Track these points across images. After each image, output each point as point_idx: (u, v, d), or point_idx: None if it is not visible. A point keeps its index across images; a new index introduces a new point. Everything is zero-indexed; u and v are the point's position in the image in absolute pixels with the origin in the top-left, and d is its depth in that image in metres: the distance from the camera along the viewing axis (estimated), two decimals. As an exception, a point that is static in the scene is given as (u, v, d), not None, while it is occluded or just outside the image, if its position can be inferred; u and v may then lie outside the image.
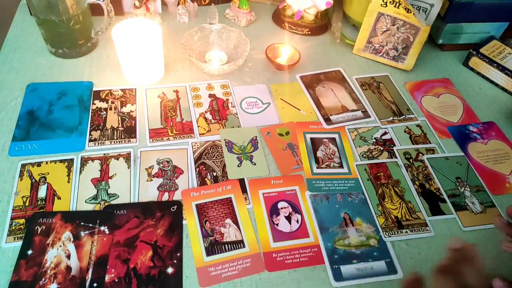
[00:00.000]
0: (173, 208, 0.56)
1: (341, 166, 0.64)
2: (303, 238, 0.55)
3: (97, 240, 0.52)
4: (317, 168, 0.63)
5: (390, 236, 0.56)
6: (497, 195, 0.62)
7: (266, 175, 0.62)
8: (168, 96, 0.72)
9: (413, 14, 0.74)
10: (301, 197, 0.59)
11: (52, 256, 0.50)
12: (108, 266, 0.49)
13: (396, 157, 0.66)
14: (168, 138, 0.65)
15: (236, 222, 0.56)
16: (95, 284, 0.48)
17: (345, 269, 0.53)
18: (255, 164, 0.63)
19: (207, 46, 0.80)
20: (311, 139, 0.67)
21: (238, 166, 0.62)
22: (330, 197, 0.60)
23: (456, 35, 0.85)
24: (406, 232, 0.57)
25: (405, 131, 0.70)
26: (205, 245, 0.53)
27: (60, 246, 0.51)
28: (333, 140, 0.68)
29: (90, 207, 0.55)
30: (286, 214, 0.57)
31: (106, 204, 0.56)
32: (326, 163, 0.64)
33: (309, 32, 0.88)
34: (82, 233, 0.52)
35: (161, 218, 0.55)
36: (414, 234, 0.57)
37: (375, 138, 0.69)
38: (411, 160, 0.66)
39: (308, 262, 0.53)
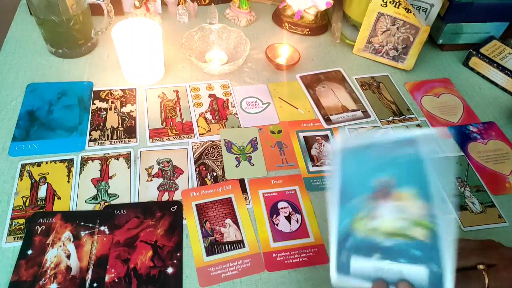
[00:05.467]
0: (173, 208, 0.56)
1: None
2: (303, 238, 0.55)
3: (97, 240, 0.52)
4: (312, 166, 0.63)
5: None
6: (497, 195, 0.62)
7: (264, 176, 0.62)
8: (168, 96, 0.72)
9: (413, 14, 0.74)
10: (301, 197, 0.59)
11: (52, 256, 0.50)
12: (108, 266, 0.49)
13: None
14: (168, 138, 0.65)
15: (236, 222, 0.56)
16: (95, 284, 0.48)
17: (358, 262, 0.36)
18: (253, 165, 0.63)
19: (207, 46, 0.80)
20: (304, 137, 0.67)
21: (236, 166, 0.62)
22: (372, 148, 0.38)
23: (456, 35, 0.85)
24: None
25: (405, 131, 0.70)
26: (205, 245, 0.53)
27: (60, 246, 0.51)
28: (326, 137, 0.68)
29: (90, 207, 0.55)
30: (286, 214, 0.57)
31: (106, 204, 0.56)
32: (321, 160, 0.64)
33: (309, 32, 0.88)
34: (82, 233, 0.52)
35: (161, 218, 0.55)
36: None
37: (375, 138, 0.69)
38: (411, 160, 0.66)
39: (308, 262, 0.53)
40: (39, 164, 0.59)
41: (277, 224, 0.56)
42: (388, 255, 0.35)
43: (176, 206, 0.56)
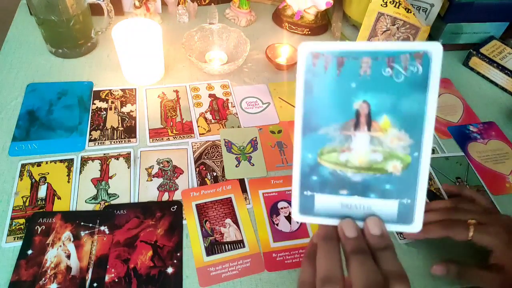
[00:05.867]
0: (173, 208, 0.56)
1: None
2: (303, 238, 0.55)
3: (97, 240, 0.52)
4: None
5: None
6: (497, 195, 0.62)
7: (264, 176, 0.62)
8: (168, 96, 0.72)
9: (413, 14, 0.74)
10: (301, 197, 0.59)
11: (52, 256, 0.50)
12: (108, 266, 0.49)
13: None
14: (168, 138, 0.65)
15: (236, 222, 0.56)
16: (95, 284, 0.48)
17: (323, 199, 0.33)
18: (253, 165, 0.63)
19: (207, 46, 0.80)
20: None
21: (236, 166, 0.62)
22: (347, 63, 0.31)
23: (456, 35, 0.85)
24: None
25: (405, 131, 0.70)
26: (205, 245, 0.53)
27: (60, 246, 0.51)
28: None
29: (90, 207, 0.55)
30: (286, 214, 0.57)
31: (106, 204, 0.56)
32: None
33: (309, 32, 0.88)
34: (82, 233, 0.52)
35: (161, 218, 0.55)
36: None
37: (375, 138, 0.68)
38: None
39: (308, 262, 0.53)
40: (39, 164, 0.59)
41: (277, 224, 0.56)
42: (357, 191, 0.32)
43: (176, 206, 0.56)
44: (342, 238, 0.30)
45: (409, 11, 0.74)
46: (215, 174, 0.61)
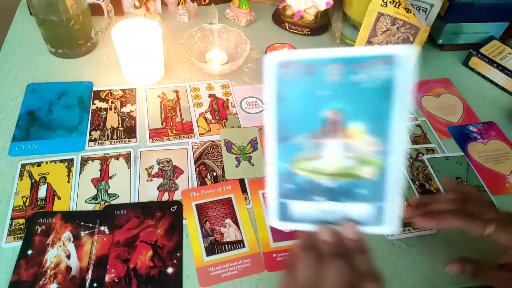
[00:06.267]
0: (173, 208, 0.56)
1: None
2: (303, 238, 0.55)
3: (97, 240, 0.52)
4: None
5: (393, 235, 0.56)
6: (497, 195, 0.62)
7: (264, 176, 0.61)
8: (168, 96, 0.72)
9: (413, 14, 0.74)
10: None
11: (52, 256, 0.50)
12: (108, 266, 0.49)
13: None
14: (168, 138, 0.65)
15: (236, 222, 0.56)
16: (95, 284, 0.48)
17: (300, 206, 0.34)
18: (253, 165, 0.63)
19: (207, 46, 0.80)
20: None
21: (236, 166, 0.62)
22: (316, 71, 0.30)
23: (456, 35, 0.85)
24: (409, 230, 0.57)
25: (405, 131, 0.70)
26: (205, 245, 0.53)
27: (60, 246, 0.51)
28: None
29: (90, 207, 0.55)
30: (286, 214, 0.57)
31: (106, 204, 0.56)
32: None
33: (309, 32, 0.88)
34: (82, 233, 0.52)
35: (161, 218, 0.55)
36: (416, 232, 0.56)
37: (375, 138, 0.69)
38: (411, 160, 0.66)
39: (308, 262, 0.53)
40: (39, 164, 0.59)
41: (277, 224, 0.56)
42: (332, 196, 0.33)
43: (176, 206, 0.56)
44: (320, 242, 0.32)
45: (409, 11, 0.74)
46: (215, 174, 0.61)
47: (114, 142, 0.63)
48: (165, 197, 0.58)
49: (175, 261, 0.51)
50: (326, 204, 0.33)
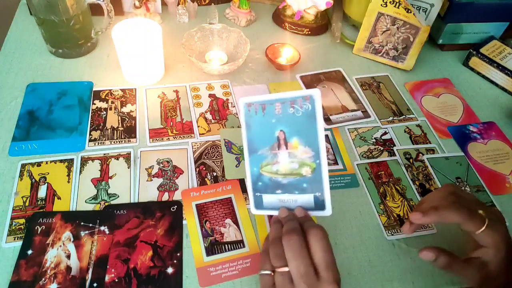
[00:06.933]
0: (173, 208, 0.56)
1: (335, 163, 0.64)
2: (303, 238, 0.55)
3: (97, 240, 0.52)
4: None
5: (393, 235, 0.56)
6: (497, 195, 0.62)
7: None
8: (168, 96, 0.72)
9: (413, 14, 0.74)
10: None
11: (52, 256, 0.50)
12: (108, 266, 0.49)
13: (396, 157, 0.66)
14: (168, 138, 0.65)
15: (236, 222, 0.56)
16: (95, 284, 0.48)
17: (267, 197, 0.48)
18: (255, 164, 0.63)
19: (207, 46, 0.80)
20: None
21: (236, 166, 0.62)
22: (267, 107, 0.46)
23: (456, 35, 0.85)
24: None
25: (405, 131, 0.70)
26: (205, 245, 0.53)
27: (60, 246, 0.51)
28: (326, 137, 0.68)
29: (90, 207, 0.55)
30: (286, 214, 0.58)
31: (106, 204, 0.56)
32: None
33: (309, 32, 0.88)
34: (82, 233, 0.52)
35: (161, 218, 0.55)
36: (416, 232, 0.56)
37: (375, 138, 0.69)
38: (411, 160, 0.66)
39: (308, 262, 0.53)
40: (39, 164, 0.59)
41: (277, 224, 0.57)
42: (286, 190, 0.47)
43: (176, 206, 0.56)
44: (280, 217, 0.47)
45: (409, 11, 0.74)
46: (215, 174, 0.61)
47: (114, 142, 0.63)
48: (165, 197, 0.58)
49: (175, 261, 0.51)
50: (283, 195, 0.47)
